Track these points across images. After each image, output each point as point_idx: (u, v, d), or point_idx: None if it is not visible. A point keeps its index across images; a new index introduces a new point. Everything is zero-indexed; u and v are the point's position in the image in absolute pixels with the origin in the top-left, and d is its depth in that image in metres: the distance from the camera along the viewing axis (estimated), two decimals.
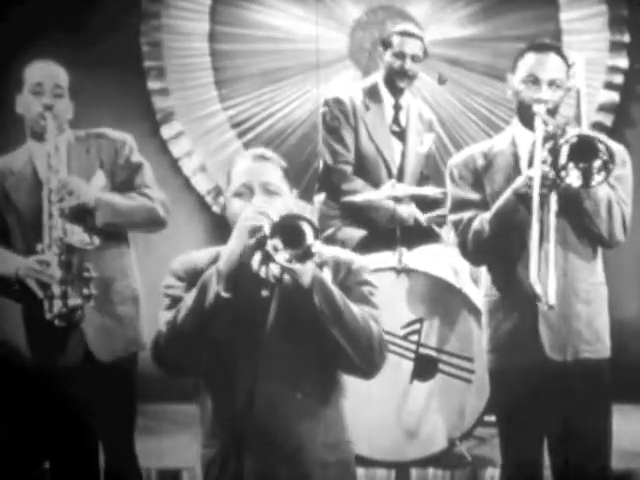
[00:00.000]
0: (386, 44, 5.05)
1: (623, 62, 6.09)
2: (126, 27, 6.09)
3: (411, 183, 5.08)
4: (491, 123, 6.19)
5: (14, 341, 3.65)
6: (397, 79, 5.03)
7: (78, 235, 3.55)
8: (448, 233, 5.00)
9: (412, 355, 4.52)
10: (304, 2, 6.22)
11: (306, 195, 5.63)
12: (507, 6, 6.13)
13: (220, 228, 6.22)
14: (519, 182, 3.31)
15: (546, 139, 3.28)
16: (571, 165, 3.19)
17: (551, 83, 3.39)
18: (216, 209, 6.23)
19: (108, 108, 5.39)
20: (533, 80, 3.39)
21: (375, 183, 5.00)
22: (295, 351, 2.72)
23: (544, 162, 3.24)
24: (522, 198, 3.28)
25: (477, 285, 4.83)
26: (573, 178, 3.20)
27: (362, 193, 4.89)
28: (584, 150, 3.18)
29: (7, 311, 3.70)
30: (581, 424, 3.39)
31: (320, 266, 2.69)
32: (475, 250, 3.44)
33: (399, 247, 4.62)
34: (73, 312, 3.52)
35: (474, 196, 3.46)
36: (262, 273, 2.63)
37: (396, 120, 5.13)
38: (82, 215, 3.58)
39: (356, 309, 2.71)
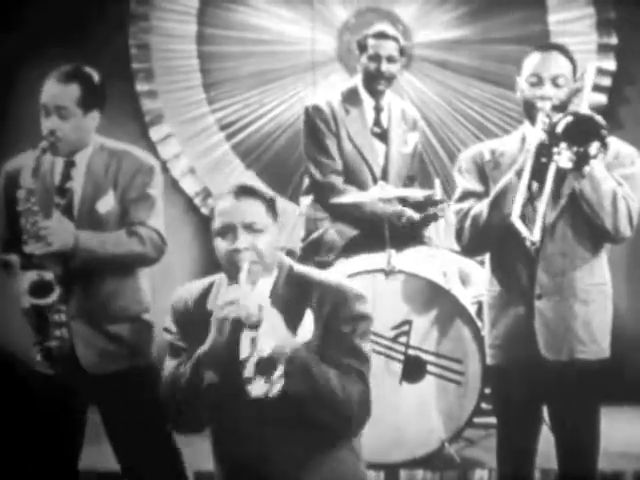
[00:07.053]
0: (361, 47, 5.05)
1: (610, 64, 6.09)
2: (114, 29, 6.08)
3: (396, 184, 5.06)
4: (479, 125, 6.20)
5: (16, 346, 3.64)
6: (375, 82, 5.03)
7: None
8: (437, 235, 5.01)
9: (401, 357, 4.52)
10: (293, 4, 6.21)
11: (295, 197, 5.63)
12: (495, 8, 6.14)
13: (209, 230, 6.21)
14: (519, 162, 3.34)
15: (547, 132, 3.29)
16: (564, 145, 3.22)
17: (554, 80, 3.40)
18: (205, 211, 6.22)
19: None
20: (537, 79, 3.41)
21: (360, 187, 5.00)
22: (289, 401, 2.73)
23: (541, 139, 3.28)
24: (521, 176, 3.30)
25: (465, 286, 4.84)
26: (564, 159, 3.23)
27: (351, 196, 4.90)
28: (580, 131, 3.20)
29: (10, 318, 3.69)
30: (568, 424, 3.42)
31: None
32: (471, 237, 3.44)
33: (388, 249, 4.62)
34: (50, 353, 3.51)
35: (478, 188, 3.48)
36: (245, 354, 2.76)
37: (377, 122, 5.12)
38: (59, 256, 3.50)
39: (336, 380, 2.71)
